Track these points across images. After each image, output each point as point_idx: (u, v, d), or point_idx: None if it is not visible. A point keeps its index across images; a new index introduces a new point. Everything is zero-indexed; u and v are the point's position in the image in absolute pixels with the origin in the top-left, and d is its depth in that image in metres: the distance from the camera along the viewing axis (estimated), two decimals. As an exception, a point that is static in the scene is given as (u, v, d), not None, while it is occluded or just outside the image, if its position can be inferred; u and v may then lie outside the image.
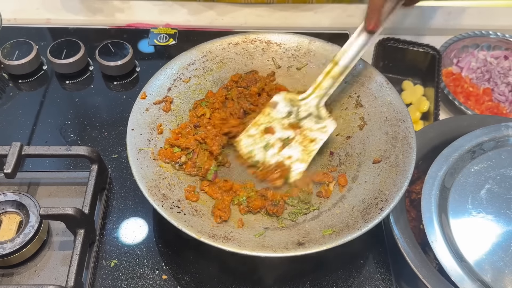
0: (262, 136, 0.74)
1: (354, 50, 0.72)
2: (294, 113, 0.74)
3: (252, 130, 0.74)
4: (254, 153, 0.73)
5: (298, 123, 0.74)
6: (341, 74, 0.73)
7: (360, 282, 0.69)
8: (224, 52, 0.81)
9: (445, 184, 0.70)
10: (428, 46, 0.96)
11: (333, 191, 0.69)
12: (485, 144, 0.73)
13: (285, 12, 1.08)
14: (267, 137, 0.73)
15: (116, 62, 0.91)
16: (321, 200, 0.68)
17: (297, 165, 0.72)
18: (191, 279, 0.68)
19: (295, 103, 0.74)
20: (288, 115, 0.74)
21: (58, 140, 0.84)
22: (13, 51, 0.91)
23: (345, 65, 0.72)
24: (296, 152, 0.72)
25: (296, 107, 0.74)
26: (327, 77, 0.73)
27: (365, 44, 0.72)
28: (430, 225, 0.66)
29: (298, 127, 0.74)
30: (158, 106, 0.74)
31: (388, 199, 0.63)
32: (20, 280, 0.67)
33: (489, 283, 0.62)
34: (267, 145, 0.73)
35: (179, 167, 0.70)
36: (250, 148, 0.73)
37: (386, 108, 0.74)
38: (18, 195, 0.71)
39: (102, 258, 0.70)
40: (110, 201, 0.76)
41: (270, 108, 0.75)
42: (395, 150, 0.68)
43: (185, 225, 0.60)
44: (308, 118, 0.74)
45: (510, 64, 0.98)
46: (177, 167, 0.70)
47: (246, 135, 0.74)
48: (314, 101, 0.74)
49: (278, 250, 0.58)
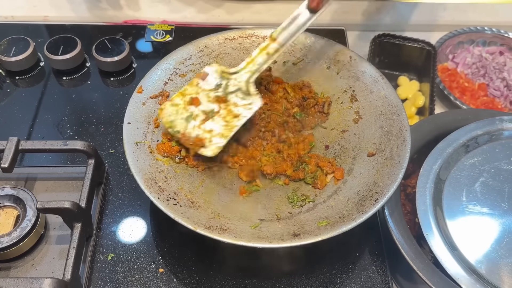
0: (186, 107, 0.71)
1: (293, 28, 0.71)
2: (222, 86, 0.72)
3: (177, 100, 0.72)
4: (175, 123, 0.70)
5: (225, 97, 0.72)
6: (276, 51, 0.72)
7: (355, 274, 0.69)
8: (220, 47, 0.82)
9: (440, 177, 0.70)
10: (423, 42, 0.96)
11: (328, 184, 0.69)
12: (479, 137, 0.74)
13: (282, 9, 1.08)
14: (191, 108, 0.71)
15: (112, 58, 0.91)
16: (316, 192, 0.69)
17: (217, 139, 0.69)
18: (188, 272, 0.69)
19: (225, 76, 0.73)
20: (216, 88, 0.72)
21: (55, 135, 0.84)
22: (10, 47, 0.92)
23: (282, 42, 0.72)
24: (218, 127, 0.70)
25: (226, 80, 0.73)
26: (262, 53, 0.72)
27: (305, 24, 0.71)
28: (425, 218, 0.66)
29: (224, 101, 0.72)
30: (154, 100, 0.74)
31: (383, 191, 0.63)
32: (17, 274, 0.68)
33: (483, 275, 0.62)
34: (189, 116, 0.71)
35: (179, 161, 0.70)
36: (172, 118, 0.70)
37: (381, 102, 0.74)
38: (15, 190, 0.71)
39: (99, 252, 0.70)
40: (107, 195, 0.76)
41: (199, 78, 0.73)
42: (390, 144, 0.69)
43: (181, 217, 0.60)
44: (236, 93, 0.72)
45: (505, 60, 0.98)
46: (177, 161, 0.70)
47: (170, 104, 0.71)
48: (245, 76, 0.72)
49: (274, 241, 0.59)
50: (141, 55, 0.98)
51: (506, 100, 0.93)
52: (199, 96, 0.72)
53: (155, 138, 0.71)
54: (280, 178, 0.72)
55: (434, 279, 0.62)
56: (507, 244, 0.64)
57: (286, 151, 0.71)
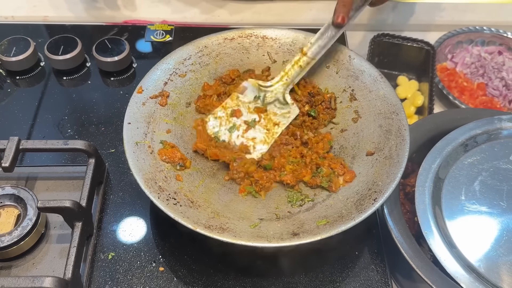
0: (229, 119, 0.76)
1: (321, 43, 0.76)
2: (261, 98, 0.77)
3: (219, 113, 0.76)
4: (220, 134, 0.75)
5: (264, 108, 0.77)
6: (307, 64, 0.76)
7: (355, 273, 0.70)
8: (220, 47, 0.82)
9: (439, 176, 0.70)
10: (422, 41, 0.97)
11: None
12: (478, 137, 0.74)
13: (282, 9, 1.08)
14: (233, 120, 0.76)
15: (113, 58, 0.91)
16: (316, 191, 0.69)
17: (260, 146, 0.74)
18: (188, 271, 0.69)
19: (262, 88, 0.77)
20: (255, 100, 0.78)
21: (56, 135, 0.84)
22: (10, 47, 0.92)
23: (312, 56, 0.76)
24: (259, 134, 0.75)
25: (263, 92, 0.77)
26: (295, 66, 0.76)
27: (332, 37, 0.76)
28: (424, 217, 0.66)
29: (264, 111, 0.77)
30: (154, 100, 0.74)
31: (382, 190, 0.63)
32: (18, 273, 0.68)
33: (482, 273, 0.62)
34: (232, 127, 0.76)
35: (180, 168, 0.70)
36: (216, 130, 0.75)
37: (380, 102, 0.74)
38: (16, 189, 0.72)
39: (99, 251, 0.71)
40: (108, 195, 0.77)
41: (238, 92, 0.78)
42: (389, 143, 0.69)
43: (181, 216, 0.60)
44: (274, 103, 0.77)
45: (504, 59, 0.99)
46: (178, 168, 0.70)
47: (213, 117, 0.76)
48: (280, 88, 0.77)
49: (273, 240, 0.59)
50: (141, 55, 0.98)
51: (505, 100, 0.93)
52: (239, 108, 0.77)
53: (155, 138, 0.71)
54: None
55: (433, 278, 0.62)
56: (506, 242, 0.64)
57: (310, 155, 0.71)
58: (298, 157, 0.71)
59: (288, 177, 0.69)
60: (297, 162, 0.71)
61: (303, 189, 0.70)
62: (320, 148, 0.72)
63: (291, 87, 0.77)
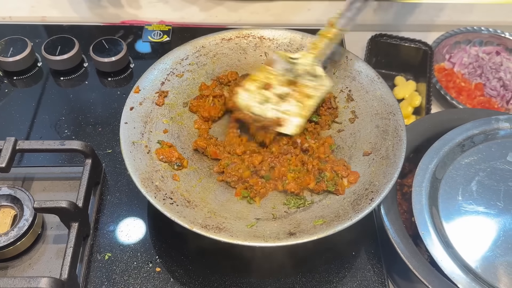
0: (259, 91, 0.74)
1: (350, 14, 0.74)
2: (291, 70, 0.75)
3: (248, 85, 0.74)
4: (251, 106, 0.73)
5: (295, 80, 0.75)
6: (336, 36, 0.75)
7: (352, 274, 0.70)
8: (217, 48, 0.82)
9: (436, 176, 0.70)
10: (420, 42, 0.97)
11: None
12: (475, 137, 0.74)
13: (279, 8, 1.08)
14: (265, 92, 0.74)
15: (110, 58, 0.91)
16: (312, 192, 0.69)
17: (295, 119, 0.73)
18: (185, 272, 0.69)
19: (291, 61, 0.75)
20: (285, 72, 0.75)
21: (53, 136, 0.84)
22: (7, 48, 0.92)
23: (342, 28, 0.75)
24: (293, 107, 0.74)
25: (293, 64, 0.75)
26: (323, 38, 0.75)
27: (361, 9, 0.74)
28: (421, 217, 0.66)
29: (295, 83, 0.75)
30: (151, 100, 0.74)
31: (378, 190, 0.63)
32: (14, 273, 0.68)
33: (479, 274, 0.62)
34: (264, 100, 0.74)
35: (177, 167, 0.70)
36: (247, 102, 0.73)
37: (376, 102, 0.74)
38: (12, 189, 0.72)
39: (96, 252, 0.71)
40: (104, 195, 0.77)
41: (267, 65, 0.76)
42: (386, 143, 0.69)
43: (178, 216, 0.60)
44: (304, 75, 0.75)
45: (501, 60, 0.99)
46: (175, 167, 0.70)
47: (244, 89, 0.74)
48: (310, 59, 0.75)
49: (270, 240, 0.59)
50: (138, 55, 0.98)
51: (503, 100, 0.93)
52: (270, 81, 0.75)
53: (152, 138, 0.71)
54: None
55: (430, 278, 0.62)
56: (503, 243, 0.64)
57: (311, 162, 0.70)
58: (299, 165, 0.70)
59: (291, 185, 0.68)
60: (299, 170, 0.69)
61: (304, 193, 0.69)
62: (321, 153, 0.71)
63: (320, 59, 0.76)
